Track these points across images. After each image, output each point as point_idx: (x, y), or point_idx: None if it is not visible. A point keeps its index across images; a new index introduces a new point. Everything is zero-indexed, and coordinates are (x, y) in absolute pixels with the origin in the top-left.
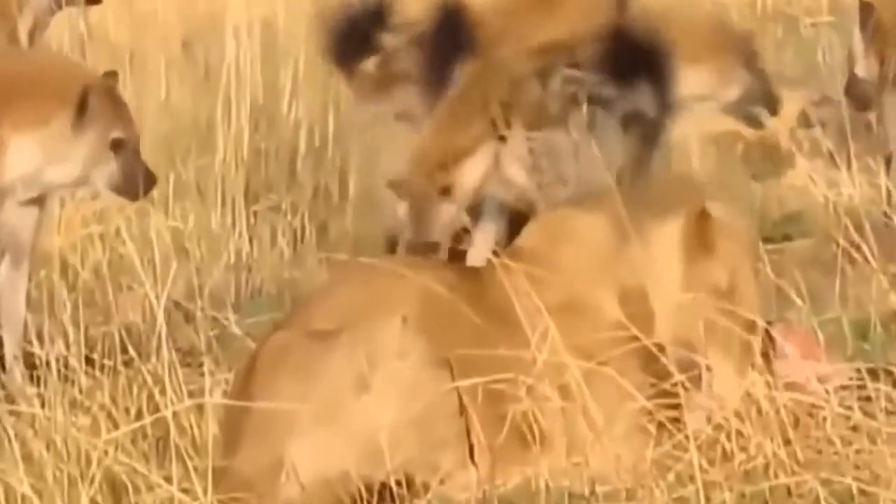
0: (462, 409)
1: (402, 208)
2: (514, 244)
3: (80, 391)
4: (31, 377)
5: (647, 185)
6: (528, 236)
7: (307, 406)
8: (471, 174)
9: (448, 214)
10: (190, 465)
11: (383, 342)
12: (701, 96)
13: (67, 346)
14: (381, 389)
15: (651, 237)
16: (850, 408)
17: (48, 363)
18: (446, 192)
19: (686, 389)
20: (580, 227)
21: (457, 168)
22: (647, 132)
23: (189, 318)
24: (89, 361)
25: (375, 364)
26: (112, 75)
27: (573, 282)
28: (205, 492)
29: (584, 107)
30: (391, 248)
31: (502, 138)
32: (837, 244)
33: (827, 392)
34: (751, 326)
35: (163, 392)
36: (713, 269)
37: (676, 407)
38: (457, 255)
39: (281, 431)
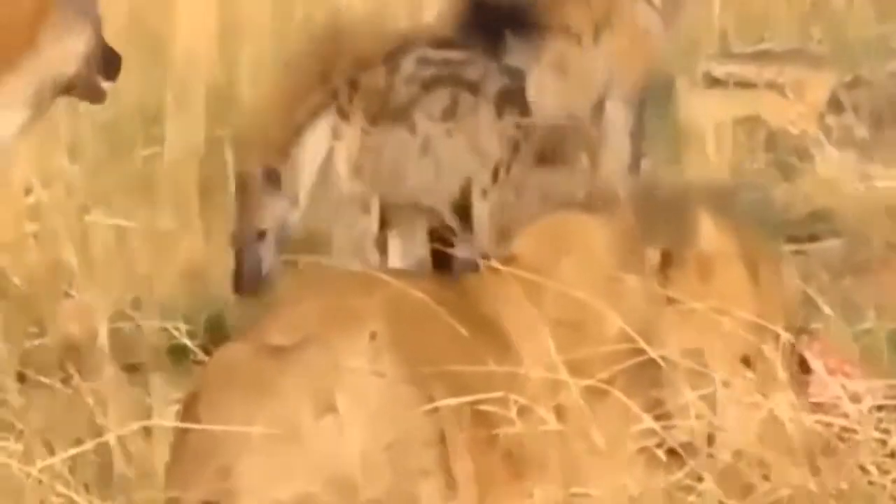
0: (443, 433)
1: None
2: (508, 252)
3: (12, 412)
4: None
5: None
6: (524, 243)
7: (258, 426)
8: (306, 154)
9: (279, 207)
10: (137, 496)
11: (348, 358)
12: None
13: None
14: (346, 410)
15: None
16: (886, 431)
17: None
18: (273, 177)
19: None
20: (584, 236)
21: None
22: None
23: (136, 330)
24: (22, 378)
25: (339, 382)
26: None
27: (573, 292)
28: None
29: (446, 91)
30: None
31: (344, 115)
32: (872, 244)
33: (860, 413)
34: (772, 338)
35: (106, 414)
36: (685, 313)
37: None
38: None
39: (230, 454)
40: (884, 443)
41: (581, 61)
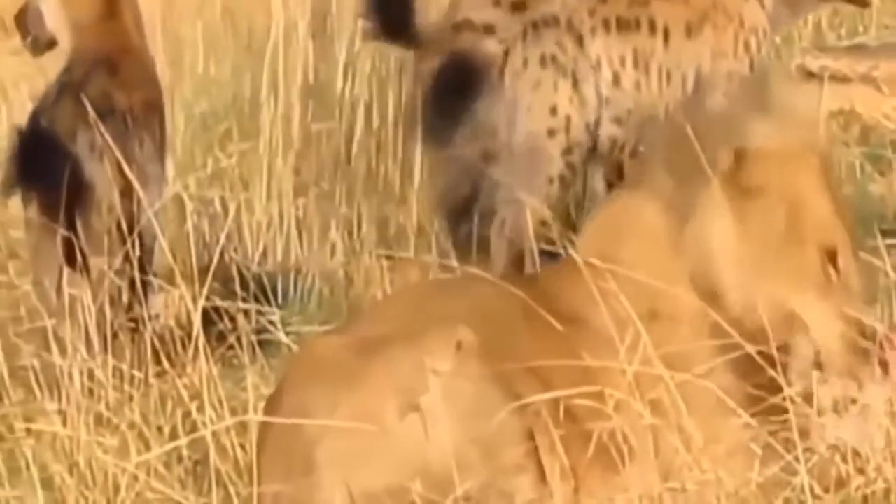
0: (532, 430)
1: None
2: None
3: (107, 407)
4: (51, 391)
5: (681, 141)
6: (589, 238)
7: (341, 416)
8: None
9: None
10: (232, 491)
11: (435, 361)
12: None
13: (92, 356)
14: (432, 409)
15: (700, 211)
16: None
17: (70, 375)
18: None
19: (795, 403)
20: (640, 218)
21: None
22: None
23: (230, 323)
24: (117, 373)
25: (425, 381)
26: None
27: (650, 283)
28: None
29: None
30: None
31: None
32: None
33: None
34: (869, 332)
35: (201, 408)
36: (764, 209)
37: (785, 424)
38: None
39: (313, 444)
40: None
41: (665, 57)
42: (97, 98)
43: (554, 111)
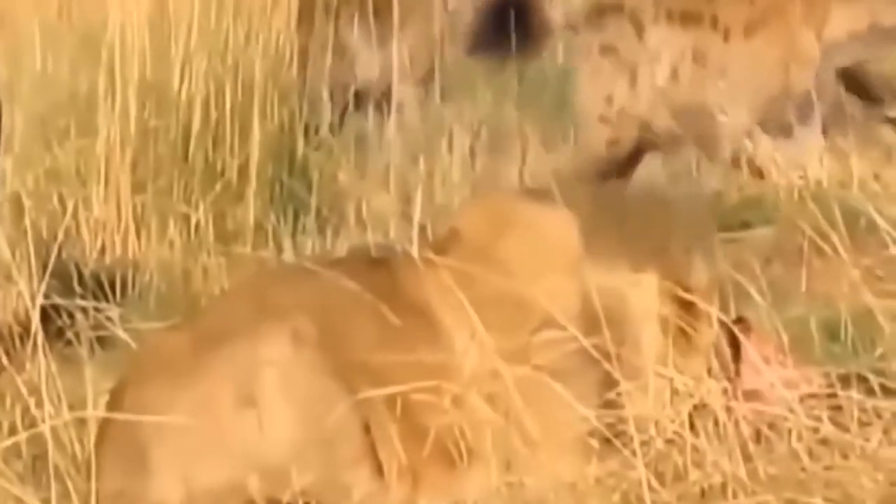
0: (369, 424)
1: None
2: (450, 227)
3: None
4: None
5: (624, 206)
6: (468, 219)
7: (179, 413)
8: None
9: None
10: (71, 486)
11: (272, 352)
12: None
13: None
14: (269, 403)
15: (622, 284)
16: (818, 419)
17: None
18: None
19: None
20: (545, 223)
21: None
22: None
23: (69, 319)
24: None
25: (261, 375)
26: None
27: (511, 275)
28: None
29: None
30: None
31: None
32: (803, 233)
33: (792, 401)
34: (706, 324)
35: (39, 404)
36: (694, 349)
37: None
38: None
39: (148, 441)
40: (815, 430)
41: (723, 54)
42: None
43: (609, 100)
